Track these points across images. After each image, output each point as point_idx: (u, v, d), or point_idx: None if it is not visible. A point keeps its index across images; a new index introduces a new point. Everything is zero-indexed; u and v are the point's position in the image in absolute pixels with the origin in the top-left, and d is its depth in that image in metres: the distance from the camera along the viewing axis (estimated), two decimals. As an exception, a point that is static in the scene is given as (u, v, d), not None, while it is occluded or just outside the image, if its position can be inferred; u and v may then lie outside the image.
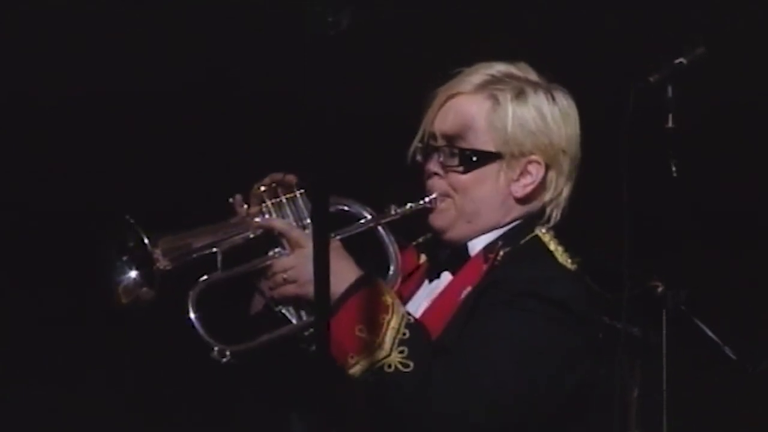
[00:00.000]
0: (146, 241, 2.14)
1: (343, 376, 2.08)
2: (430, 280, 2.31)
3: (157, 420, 4.75)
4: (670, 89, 2.58)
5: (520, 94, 2.25)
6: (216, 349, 2.13)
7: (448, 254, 2.29)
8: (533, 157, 2.24)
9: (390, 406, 2.09)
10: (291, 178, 2.25)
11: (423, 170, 2.31)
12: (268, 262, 2.20)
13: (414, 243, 2.40)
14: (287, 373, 2.24)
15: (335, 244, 2.15)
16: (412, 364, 2.06)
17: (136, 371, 4.77)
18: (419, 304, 2.27)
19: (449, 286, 2.25)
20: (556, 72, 2.33)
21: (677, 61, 2.60)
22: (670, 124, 2.56)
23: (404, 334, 2.08)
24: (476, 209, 2.25)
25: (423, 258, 2.37)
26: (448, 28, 3.98)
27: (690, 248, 2.44)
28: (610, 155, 2.29)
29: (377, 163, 3.07)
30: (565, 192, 2.28)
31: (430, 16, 4.00)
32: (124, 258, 2.18)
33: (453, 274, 2.27)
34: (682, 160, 2.51)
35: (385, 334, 2.08)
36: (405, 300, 2.23)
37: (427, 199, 2.27)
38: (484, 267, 2.22)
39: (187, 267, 2.19)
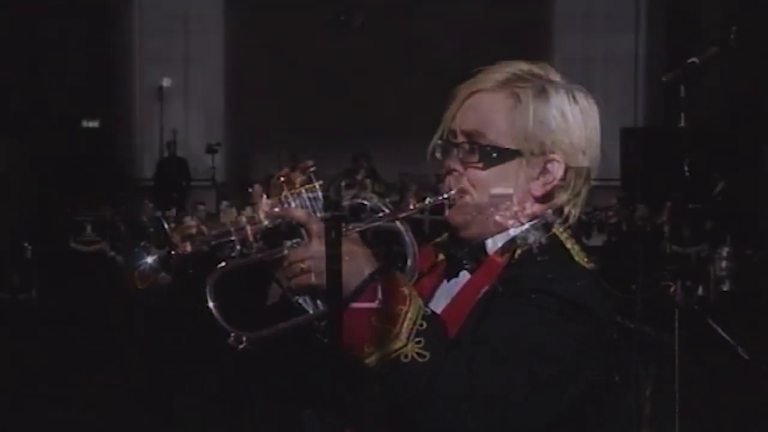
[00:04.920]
0: (166, 225, 2.13)
1: (358, 368, 2.07)
2: (449, 279, 2.31)
3: (171, 416, 4.75)
4: (682, 89, 2.58)
5: (541, 93, 2.24)
6: (232, 335, 2.13)
7: (466, 253, 2.29)
8: (553, 155, 2.24)
9: (404, 397, 2.08)
10: (308, 163, 2.24)
11: (442, 167, 2.30)
12: (286, 252, 2.19)
13: (432, 242, 2.39)
14: (302, 368, 2.23)
15: (353, 236, 2.16)
16: (428, 354, 2.05)
17: (149, 367, 4.76)
18: (438, 303, 2.27)
19: (467, 285, 2.26)
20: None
21: (690, 60, 2.60)
22: (682, 124, 2.56)
23: (421, 325, 2.08)
24: (495, 206, 2.25)
25: (441, 257, 2.36)
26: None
27: (703, 248, 2.46)
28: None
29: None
30: (584, 192, 2.28)
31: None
32: (142, 243, 2.18)
33: (471, 272, 2.27)
34: (696, 159, 2.51)
35: (402, 324, 2.07)
36: (424, 299, 2.21)
37: (445, 195, 2.27)
38: (502, 265, 2.22)
39: (204, 254, 2.18)
